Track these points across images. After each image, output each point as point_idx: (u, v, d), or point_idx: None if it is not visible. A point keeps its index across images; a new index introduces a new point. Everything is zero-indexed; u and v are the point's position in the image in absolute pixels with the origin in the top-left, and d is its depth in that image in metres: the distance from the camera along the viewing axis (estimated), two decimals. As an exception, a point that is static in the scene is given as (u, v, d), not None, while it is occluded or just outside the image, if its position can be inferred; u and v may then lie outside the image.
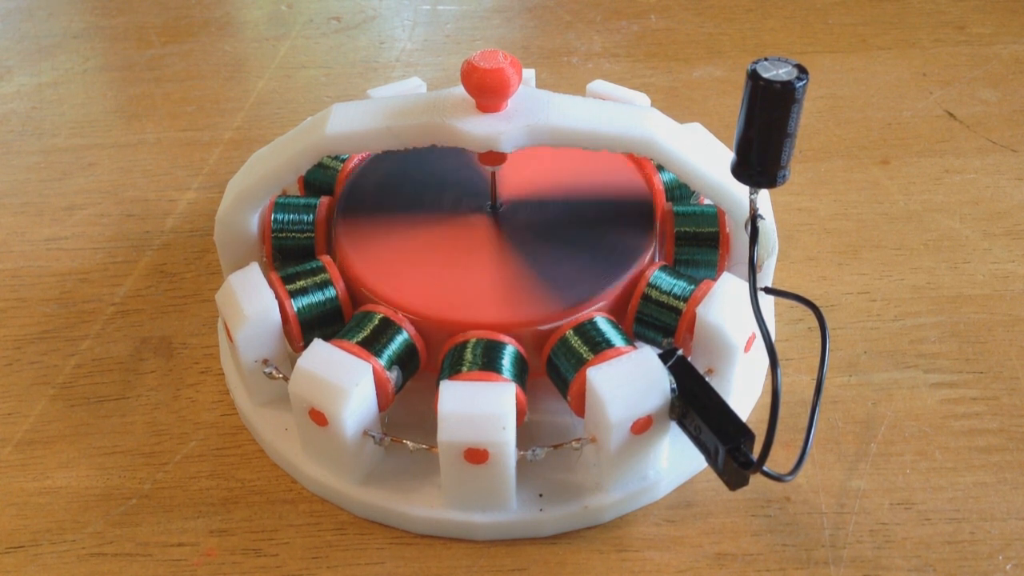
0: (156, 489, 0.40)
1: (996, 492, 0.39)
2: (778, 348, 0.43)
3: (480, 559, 0.37)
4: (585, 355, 0.37)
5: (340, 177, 0.46)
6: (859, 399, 0.42)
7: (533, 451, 0.37)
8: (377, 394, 0.37)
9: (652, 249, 0.42)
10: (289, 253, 0.44)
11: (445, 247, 0.42)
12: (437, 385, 0.36)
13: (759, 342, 0.40)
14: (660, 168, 0.45)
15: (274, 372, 0.40)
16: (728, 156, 0.35)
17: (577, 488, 0.38)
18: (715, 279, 0.39)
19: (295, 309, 0.39)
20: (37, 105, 0.63)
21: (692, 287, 0.39)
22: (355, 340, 0.38)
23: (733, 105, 0.61)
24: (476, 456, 0.35)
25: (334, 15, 0.73)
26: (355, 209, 0.44)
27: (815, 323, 0.41)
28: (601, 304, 0.40)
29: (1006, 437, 0.41)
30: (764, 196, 0.43)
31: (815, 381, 0.38)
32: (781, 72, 0.31)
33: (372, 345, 0.38)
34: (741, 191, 0.38)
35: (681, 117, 0.45)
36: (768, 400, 0.35)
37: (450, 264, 0.41)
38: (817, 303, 0.36)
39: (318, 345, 0.37)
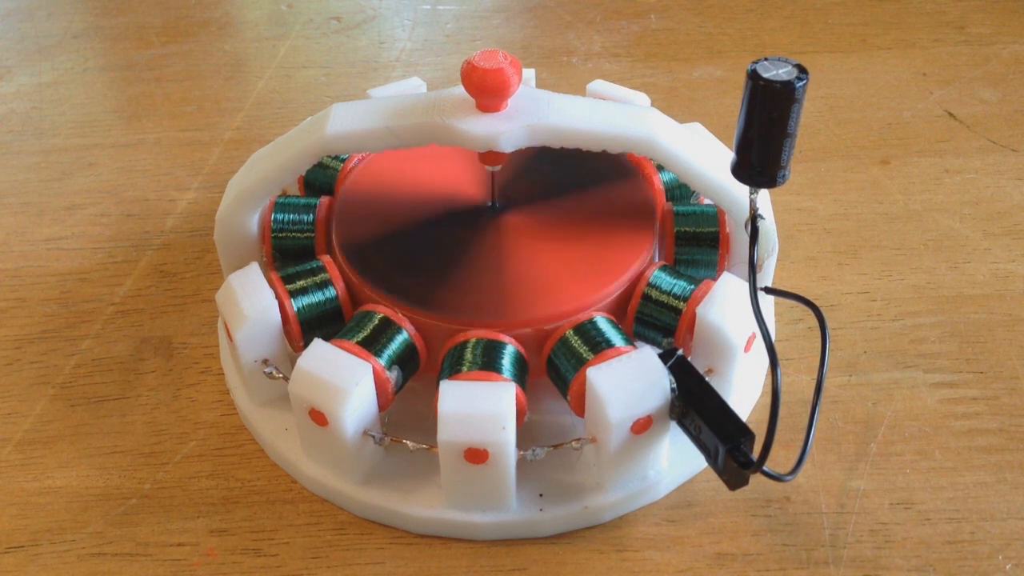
0: (156, 489, 0.40)
1: (996, 492, 0.39)
2: (778, 348, 0.43)
3: (480, 559, 0.37)
4: (585, 355, 0.37)
5: (340, 177, 0.46)
6: (859, 399, 0.42)
7: (533, 451, 0.37)
8: (377, 394, 0.37)
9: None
10: (289, 253, 0.44)
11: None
12: (437, 385, 0.36)
13: (759, 342, 0.40)
14: (660, 168, 0.45)
15: (274, 372, 0.40)
16: (728, 156, 0.35)
17: (577, 488, 0.38)
18: (715, 279, 0.39)
19: (295, 309, 0.39)
20: (37, 105, 0.63)
21: (692, 287, 0.39)
22: (355, 340, 0.38)
23: (733, 105, 0.61)
24: (476, 456, 0.35)
25: (334, 15, 0.73)
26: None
27: (815, 323, 0.41)
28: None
29: (1006, 437, 0.41)
30: (764, 196, 0.43)
31: (815, 381, 0.38)
32: (781, 72, 0.31)
33: (372, 345, 0.38)
34: (741, 191, 0.38)
35: (681, 117, 0.45)
36: (768, 400, 0.35)
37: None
38: (817, 303, 0.36)
39: (318, 345, 0.37)
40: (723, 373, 0.39)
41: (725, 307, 0.38)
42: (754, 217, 0.35)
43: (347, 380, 0.36)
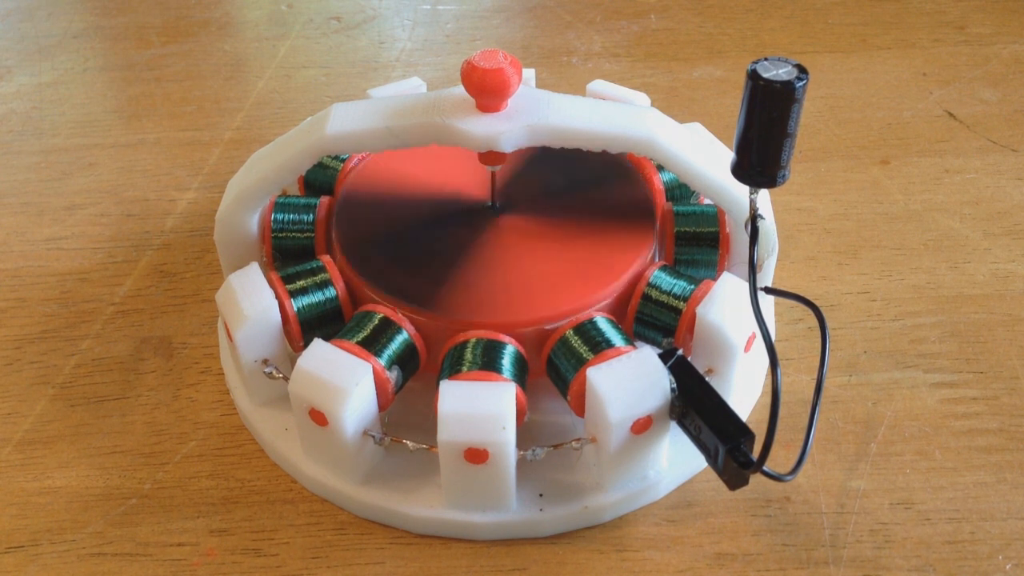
0: (156, 489, 0.40)
1: (996, 492, 0.39)
2: (778, 348, 0.43)
3: (480, 559, 0.37)
4: (585, 355, 0.37)
5: (340, 177, 0.46)
6: (859, 399, 0.42)
7: (533, 451, 0.37)
8: (377, 394, 0.37)
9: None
10: (289, 253, 0.44)
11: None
12: (437, 385, 0.36)
13: (759, 342, 0.40)
14: (660, 168, 0.45)
15: (274, 372, 0.40)
16: (728, 156, 0.35)
17: (577, 488, 0.38)
18: (715, 279, 0.39)
19: (295, 309, 0.39)
20: (37, 105, 0.63)
21: (692, 287, 0.39)
22: (355, 340, 0.38)
23: (733, 105, 0.61)
24: (476, 456, 0.35)
25: (334, 15, 0.73)
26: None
27: (815, 323, 0.41)
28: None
29: (1006, 437, 0.41)
30: (764, 196, 0.43)
31: (815, 381, 0.38)
32: (781, 72, 0.31)
33: (372, 345, 0.38)
34: (741, 191, 0.38)
35: (681, 117, 0.45)
36: (768, 400, 0.35)
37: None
38: (817, 303, 0.36)
39: (318, 345, 0.37)
40: (723, 373, 0.39)
41: (725, 307, 0.38)
42: (754, 217, 0.35)
43: (347, 380, 0.36)
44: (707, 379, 0.36)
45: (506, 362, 0.37)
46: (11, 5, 0.75)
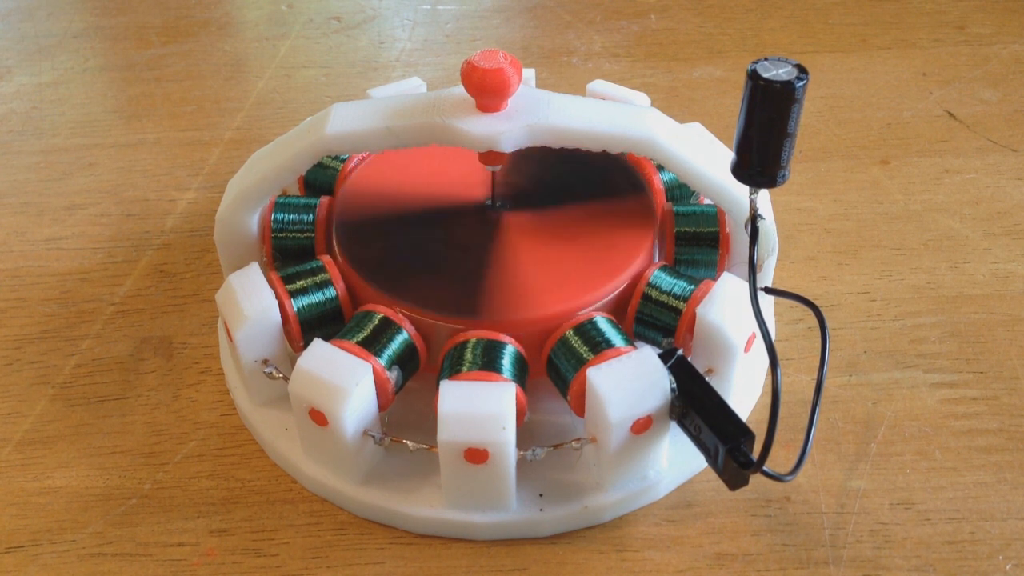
0: (156, 489, 0.40)
1: (996, 492, 0.39)
2: (778, 348, 0.43)
3: (480, 559, 0.37)
4: (585, 355, 0.37)
5: (340, 177, 0.46)
6: (859, 399, 0.42)
7: (533, 451, 0.37)
8: (377, 394, 0.37)
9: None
10: (289, 253, 0.44)
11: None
12: (437, 385, 0.36)
13: (759, 342, 0.40)
14: (660, 168, 0.45)
15: (274, 372, 0.40)
16: (728, 156, 0.35)
17: (577, 488, 0.38)
18: (715, 279, 0.39)
19: (295, 309, 0.39)
20: (37, 105, 0.63)
21: (692, 287, 0.39)
22: (355, 340, 0.38)
23: (733, 105, 0.61)
24: (476, 456, 0.35)
25: (334, 15, 0.73)
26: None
27: (815, 323, 0.41)
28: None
29: (1006, 437, 0.41)
30: (764, 196, 0.43)
31: (815, 381, 0.38)
32: (781, 72, 0.31)
33: (372, 345, 0.38)
34: (741, 191, 0.38)
35: (681, 117, 0.45)
36: (768, 400, 0.35)
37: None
38: (817, 303, 0.36)
39: (318, 345, 0.37)
40: (723, 373, 0.39)
41: (725, 307, 0.38)
42: (754, 217, 0.35)
43: (347, 380, 0.36)
44: (707, 379, 0.36)
45: (506, 362, 0.37)
46: (11, 5, 0.75)
